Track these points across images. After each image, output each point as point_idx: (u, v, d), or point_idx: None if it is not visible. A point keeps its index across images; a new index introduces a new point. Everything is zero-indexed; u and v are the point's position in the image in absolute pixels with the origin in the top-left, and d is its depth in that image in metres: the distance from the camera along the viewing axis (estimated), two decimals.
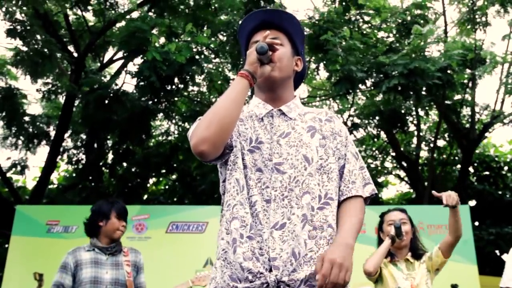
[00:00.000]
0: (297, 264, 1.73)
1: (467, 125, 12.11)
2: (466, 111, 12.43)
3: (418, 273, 3.51)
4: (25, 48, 8.96)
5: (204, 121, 1.79)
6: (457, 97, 11.32)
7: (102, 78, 10.06)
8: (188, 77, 8.88)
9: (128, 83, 9.86)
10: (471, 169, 13.36)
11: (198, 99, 11.94)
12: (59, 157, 11.48)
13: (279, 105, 1.98)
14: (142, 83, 8.57)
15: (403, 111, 11.02)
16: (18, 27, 8.81)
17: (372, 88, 9.73)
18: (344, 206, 1.91)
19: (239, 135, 1.91)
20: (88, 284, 3.59)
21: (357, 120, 12.60)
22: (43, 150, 20.94)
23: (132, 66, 9.95)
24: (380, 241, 3.71)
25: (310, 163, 1.86)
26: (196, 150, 1.76)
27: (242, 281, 1.73)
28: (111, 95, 9.04)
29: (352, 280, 1.75)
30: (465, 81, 10.36)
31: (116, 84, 9.57)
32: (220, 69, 10.58)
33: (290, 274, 1.71)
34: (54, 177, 13.51)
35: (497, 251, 11.89)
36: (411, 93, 8.78)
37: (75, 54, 10.31)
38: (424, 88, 8.68)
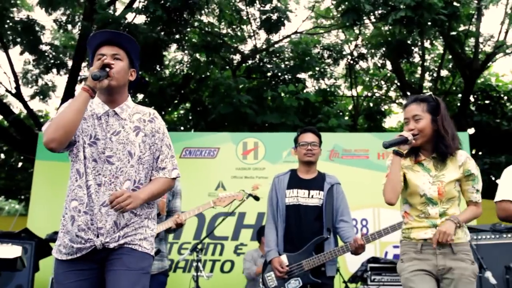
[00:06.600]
0: (117, 230, 2.31)
1: (471, 56, 11.84)
2: (470, 42, 12.11)
3: (449, 173, 2.69)
4: None
5: (53, 125, 2.25)
6: (462, 28, 10.98)
7: (112, 12, 9.77)
8: (196, 8, 8.66)
9: (139, 16, 9.62)
10: (471, 99, 13.17)
11: (209, 30, 11.68)
12: (77, 85, 11.40)
13: (114, 106, 2.45)
14: (151, 16, 8.37)
15: (409, 42, 10.74)
16: None
17: (379, 20, 9.43)
18: (153, 179, 2.49)
19: (81, 132, 2.38)
20: None
21: (363, 51, 12.34)
22: (64, 80, 20.83)
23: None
24: None
25: (132, 157, 2.39)
26: (47, 146, 2.27)
27: (77, 243, 2.30)
28: (122, 29, 8.81)
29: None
30: (472, 11, 9.99)
31: (125, 18, 9.29)
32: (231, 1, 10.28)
33: (111, 237, 2.30)
34: None
35: (492, 177, 11.93)
36: (416, 27, 8.53)
37: None
38: (429, 23, 8.40)
